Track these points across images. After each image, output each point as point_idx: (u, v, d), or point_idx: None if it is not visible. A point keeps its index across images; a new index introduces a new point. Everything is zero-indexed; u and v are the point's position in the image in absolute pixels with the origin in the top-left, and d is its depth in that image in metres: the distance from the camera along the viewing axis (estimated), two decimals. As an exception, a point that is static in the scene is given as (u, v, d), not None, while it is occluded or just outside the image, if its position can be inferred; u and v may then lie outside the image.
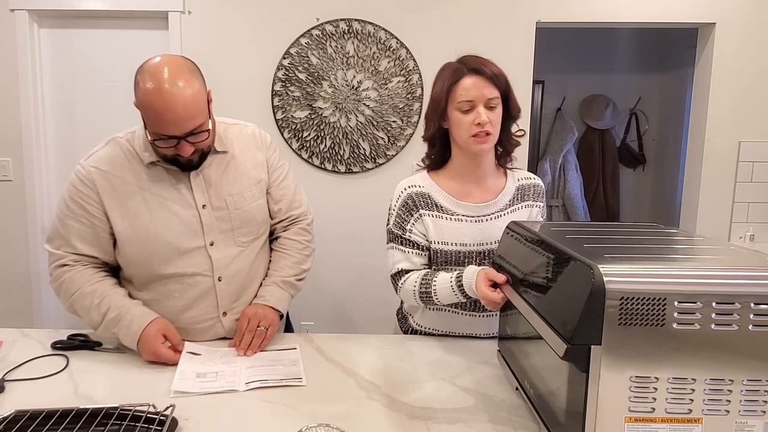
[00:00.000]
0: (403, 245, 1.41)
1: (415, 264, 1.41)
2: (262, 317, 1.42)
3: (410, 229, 1.40)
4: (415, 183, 1.41)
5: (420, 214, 1.39)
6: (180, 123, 1.26)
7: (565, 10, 2.73)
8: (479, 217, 1.40)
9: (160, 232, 1.38)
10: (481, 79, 1.30)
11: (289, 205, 1.58)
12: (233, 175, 1.46)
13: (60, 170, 2.86)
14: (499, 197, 1.42)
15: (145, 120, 1.31)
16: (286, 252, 1.57)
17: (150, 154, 1.38)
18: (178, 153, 1.31)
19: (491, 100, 1.31)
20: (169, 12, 2.69)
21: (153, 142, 1.31)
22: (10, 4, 2.67)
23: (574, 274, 0.83)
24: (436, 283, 1.33)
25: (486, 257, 1.39)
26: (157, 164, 1.39)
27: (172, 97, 1.23)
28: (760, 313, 0.76)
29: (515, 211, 1.43)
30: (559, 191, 3.84)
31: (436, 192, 1.40)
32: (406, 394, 1.20)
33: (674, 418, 0.79)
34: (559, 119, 3.91)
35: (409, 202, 1.40)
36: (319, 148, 2.80)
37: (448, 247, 1.38)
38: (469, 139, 1.32)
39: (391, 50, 2.74)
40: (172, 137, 1.28)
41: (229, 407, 1.13)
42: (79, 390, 1.20)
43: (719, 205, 2.86)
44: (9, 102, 2.73)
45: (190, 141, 1.30)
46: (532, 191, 1.47)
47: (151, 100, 1.24)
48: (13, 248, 2.83)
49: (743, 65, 2.76)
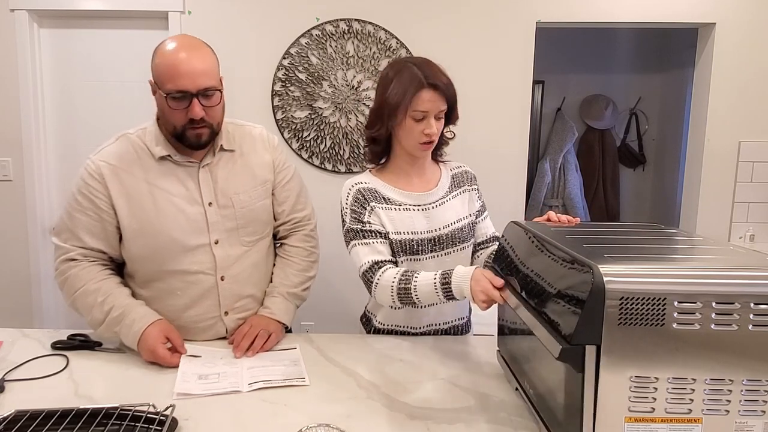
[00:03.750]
0: (366, 237, 1.42)
1: (383, 253, 1.41)
2: (264, 326, 1.44)
3: (368, 220, 1.43)
4: (360, 180, 1.47)
5: (372, 207, 1.44)
6: (194, 76, 1.29)
7: (565, 10, 2.73)
8: (424, 205, 1.47)
9: (166, 228, 1.39)
10: (437, 93, 1.37)
11: (293, 207, 1.58)
12: (240, 174, 1.47)
13: (60, 170, 2.86)
14: (438, 186, 1.51)
15: (161, 80, 1.32)
16: (291, 260, 1.57)
17: (161, 147, 1.40)
18: (191, 117, 1.32)
19: (441, 112, 1.40)
20: (169, 12, 2.69)
21: (166, 103, 1.32)
22: (10, 4, 2.67)
23: (574, 274, 0.83)
24: (417, 281, 1.31)
25: (437, 244, 1.46)
26: (167, 159, 1.41)
27: (189, 51, 1.32)
28: (760, 313, 0.76)
29: (455, 197, 1.52)
30: (559, 191, 3.84)
31: (381, 186, 1.47)
32: (406, 394, 1.20)
33: (674, 418, 0.79)
34: (559, 119, 3.91)
35: (359, 196, 1.45)
36: (319, 148, 2.80)
37: (401, 236, 1.44)
38: (416, 145, 1.41)
39: (391, 50, 2.74)
40: (186, 94, 1.30)
41: (229, 407, 1.13)
42: (79, 390, 1.20)
43: (719, 205, 2.86)
44: (9, 102, 2.73)
45: (202, 103, 1.32)
46: (466, 177, 1.57)
47: (168, 55, 1.31)
48: (13, 248, 2.83)
49: (743, 65, 2.75)
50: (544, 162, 3.84)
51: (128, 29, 2.77)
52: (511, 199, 2.83)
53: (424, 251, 1.45)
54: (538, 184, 3.82)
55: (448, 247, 1.47)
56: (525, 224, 1.20)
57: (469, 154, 2.93)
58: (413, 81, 1.36)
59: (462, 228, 1.49)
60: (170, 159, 1.41)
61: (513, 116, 2.79)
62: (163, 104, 1.34)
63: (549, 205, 3.85)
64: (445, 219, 1.47)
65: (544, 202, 3.84)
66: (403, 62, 1.42)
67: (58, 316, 2.94)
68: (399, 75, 1.39)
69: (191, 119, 1.32)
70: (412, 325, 1.52)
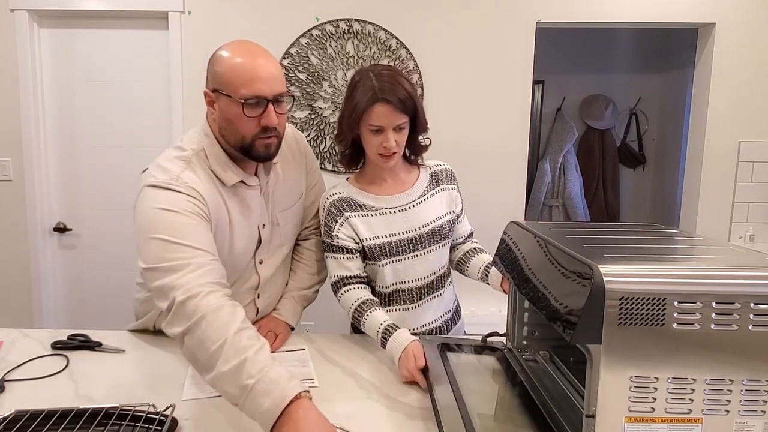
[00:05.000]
0: (334, 252, 1.46)
1: (350, 269, 1.45)
2: (273, 328, 1.46)
3: (336, 234, 1.45)
4: (336, 191, 1.49)
5: (345, 218, 1.45)
6: (271, 80, 1.22)
7: (565, 10, 2.73)
8: (401, 207, 1.48)
9: (235, 252, 1.34)
10: (390, 107, 1.35)
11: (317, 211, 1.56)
12: (281, 191, 1.44)
13: (60, 170, 2.86)
14: (415, 186, 1.51)
15: (233, 86, 1.21)
16: (304, 262, 1.59)
17: (231, 173, 1.29)
18: (264, 124, 1.23)
19: (399, 124, 1.38)
20: (169, 12, 2.69)
21: (241, 110, 1.21)
22: (10, 4, 2.67)
23: (574, 274, 0.83)
24: (367, 321, 1.38)
25: (418, 242, 1.47)
26: (240, 185, 1.32)
27: (264, 56, 1.24)
28: (760, 313, 0.76)
29: (434, 195, 1.52)
30: (559, 191, 3.84)
31: (357, 194, 1.48)
32: (406, 394, 1.20)
33: (674, 418, 0.79)
34: (559, 119, 3.91)
35: (332, 209, 1.46)
36: (319, 148, 2.80)
37: (380, 240, 1.45)
38: (377, 156, 1.41)
39: (391, 50, 2.74)
40: (262, 99, 1.21)
41: (229, 407, 1.13)
42: (79, 390, 1.20)
43: (719, 205, 2.86)
44: (9, 102, 2.73)
45: (276, 110, 1.24)
46: (444, 175, 1.57)
47: (243, 62, 1.21)
48: (13, 248, 2.83)
49: (743, 65, 2.75)
50: (544, 162, 3.84)
51: (128, 29, 2.77)
52: (511, 199, 2.83)
53: (405, 251, 1.46)
54: (538, 184, 3.82)
55: (430, 245, 1.48)
56: (525, 224, 1.20)
57: (469, 154, 2.92)
58: (366, 94, 1.35)
59: (443, 225, 1.50)
60: (243, 184, 1.32)
61: (513, 116, 2.79)
62: (233, 113, 1.22)
63: (549, 205, 3.85)
64: (425, 217, 1.48)
65: (544, 202, 3.84)
66: (366, 72, 1.40)
67: (58, 316, 2.94)
68: (357, 85, 1.38)
69: (264, 128, 1.24)
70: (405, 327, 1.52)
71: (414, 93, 1.38)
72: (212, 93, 1.26)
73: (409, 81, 1.40)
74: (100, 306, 2.92)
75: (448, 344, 1.33)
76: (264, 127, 1.24)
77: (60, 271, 2.93)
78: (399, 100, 1.34)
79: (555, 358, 1.15)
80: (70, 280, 2.93)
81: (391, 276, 1.46)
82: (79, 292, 2.94)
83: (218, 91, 1.24)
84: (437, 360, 1.23)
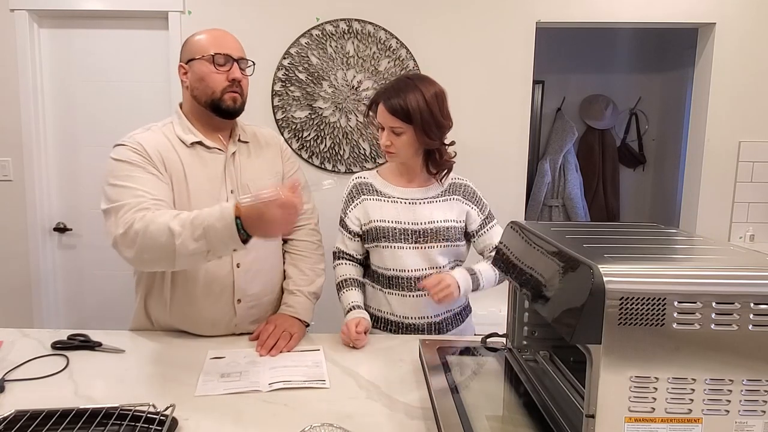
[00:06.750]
0: (343, 227, 1.67)
1: (347, 247, 1.66)
2: (288, 327, 1.47)
3: (348, 213, 1.65)
4: (362, 175, 1.69)
5: (362, 200, 1.64)
6: (234, 47, 1.47)
7: (565, 10, 2.73)
8: (412, 200, 1.62)
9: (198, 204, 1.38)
10: (385, 110, 1.50)
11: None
12: (256, 163, 1.55)
13: (60, 170, 2.86)
14: (428, 189, 1.64)
15: (202, 48, 1.43)
16: (301, 254, 1.63)
17: (193, 135, 1.47)
18: (232, 77, 1.43)
19: (394, 128, 1.51)
20: (169, 12, 2.69)
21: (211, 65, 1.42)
22: (10, 4, 2.67)
23: (574, 274, 0.83)
24: (343, 296, 1.61)
25: (421, 236, 1.58)
26: (198, 145, 1.47)
27: (228, 34, 1.49)
28: (760, 313, 0.76)
29: (446, 201, 1.63)
30: (559, 191, 3.84)
31: (378, 182, 1.66)
32: (406, 394, 1.20)
33: (674, 418, 0.79)
34: (559, 119, 3.91)
35: (354, 190, 1.67)
36: (319, 148, 2.80)
37: (386, 223, 1.59)
38: (383, 151, 1.58)
39: (391, 50, 2.74)
40: (228, 57, 1.43)
41: (230, 407, 1.13)
42: (79, 390, 1.20)
43: (719, 205, 2.86)
44: (9, 102, 2.73)
45: (240, 68, 1.46)
46: (462, 189, 1.66)
47: (210, 33, 1.46)
48: (13, 248, 2.82)
49: (743, 65, 2.75)
50: (544, 162, 3.84)
51: (128, 29, 2.77)
52: (511, 199, 2.83)
53: (407, 240, 1.58)
54: (538, 184, 3.82)
55: (433, 242, 1.57)
56: (525, 224, 1.20)
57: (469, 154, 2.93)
58: (378, 93, 1.54)
59: (448, 228, 1.58)
60: (201, 145, 1.47)
61: (513, 116, 2.79)
62: (204, 70, 1.43)
63: (549, 205, 3.85)
64: (430, 216, 1.59)
65: (544, 202, 3.84)
66: (401, 76, 1.58)
67: (58, 316, 2.94)
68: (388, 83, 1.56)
69: (231, 81, 1.43)
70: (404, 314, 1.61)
71: (420, 107, 1.47)
72: (186, 65, 1.47)
73: (425, 96, 1.48)
74: (100, 306, 2.92)
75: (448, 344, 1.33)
76: (231, 80, 1.44)
77: (60, 271, 2.93)
78: (394, 106, 1.48)
79: (555, 358, 1.15)
80: (70, 280, 2.93)
81: (392, 260, 1.58)
82: (79, 292, 2.94)
83: (191, 60, 1.45)
84: (437, 360, 1.23)
